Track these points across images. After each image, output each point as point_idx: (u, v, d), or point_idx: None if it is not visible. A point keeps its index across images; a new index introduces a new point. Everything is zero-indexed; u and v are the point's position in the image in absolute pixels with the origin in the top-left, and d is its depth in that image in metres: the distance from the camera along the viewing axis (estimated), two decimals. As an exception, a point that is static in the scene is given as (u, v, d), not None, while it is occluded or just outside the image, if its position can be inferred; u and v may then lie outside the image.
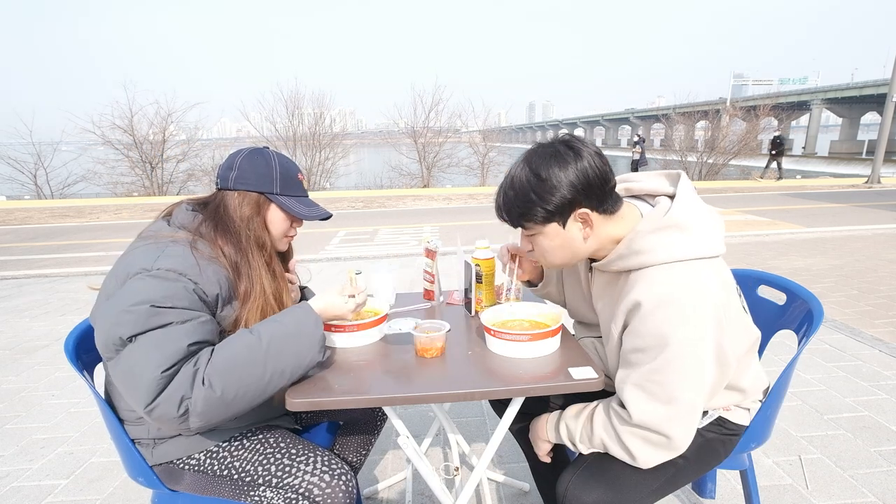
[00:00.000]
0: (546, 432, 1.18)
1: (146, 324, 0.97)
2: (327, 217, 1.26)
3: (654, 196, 1.12)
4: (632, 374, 1.00)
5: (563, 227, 1.03)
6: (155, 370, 0.95)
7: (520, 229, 1.10)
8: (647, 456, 1.01)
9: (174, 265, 1.03)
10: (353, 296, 1.19)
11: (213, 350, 1.01)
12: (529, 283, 1.47)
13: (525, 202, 1.02)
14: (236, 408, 1.02)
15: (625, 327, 1.03)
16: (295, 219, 1.23)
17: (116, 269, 1.05)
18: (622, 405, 1.03)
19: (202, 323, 1.03)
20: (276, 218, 1.20)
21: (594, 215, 1.03)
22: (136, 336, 0.97)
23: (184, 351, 0.98)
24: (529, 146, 1.06)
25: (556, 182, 0.99)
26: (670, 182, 1.11)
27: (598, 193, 1.01)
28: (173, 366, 0.97)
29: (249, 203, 1.16)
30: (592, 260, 1.16)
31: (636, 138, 15.98)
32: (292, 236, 1.28)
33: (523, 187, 1.02)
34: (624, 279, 1.05)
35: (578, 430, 1.09)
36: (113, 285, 1.04)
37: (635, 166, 15.28)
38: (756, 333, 1.13)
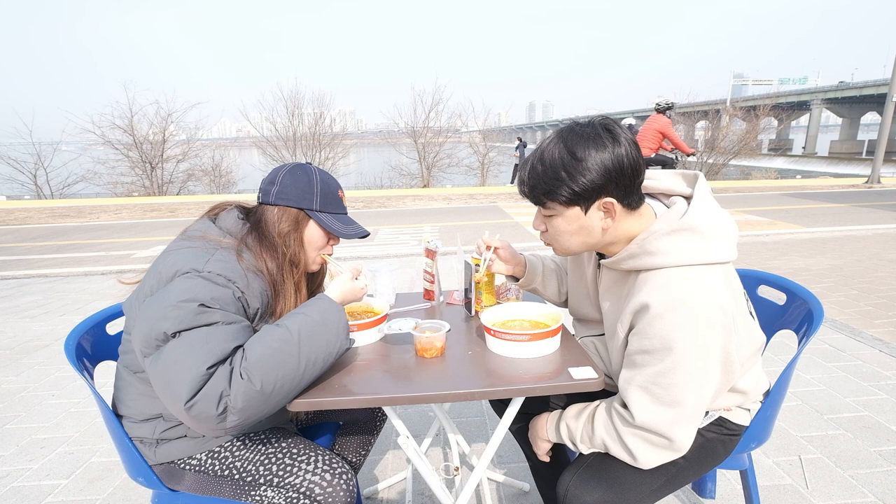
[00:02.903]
0: (546, 432, 1.18)
1: (193, 321, 0.97)
2: (365, 235, 1.25)
3: (668, 196, 1.11)
4: (637, 376, 0.99)
5: (585, 213, 1.01)
6: (201, 366, 0.94)
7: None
8: (649, 457, 1.01)
9: (224, 271, 1.04)
10: (358, 279, 1.20)
11: (244, 348, 1.01)
12: (514, 279, 1.45)
13: (553, 179, 0.98)
14: (274, 401, 1.00)
15: (631, 328, 1.02)
16: (332, 236, 1.23)
17: (161, 267, 1.05)
18: (624, 406, 1.03)
19: (244, 328, 1.04)
20: (313, 235, 1.20)
21: (618, 207, 0.99)
22: (180, 332, 0.97)
23: (228, 351, 0.98)
24: (530, 146, 1.05)
25: (590, 164, 0.95)
26: (687, 183, 1.10)
27: (628, 185, 0.98)
28: (217, 363, 0.96)
29: (288, 219, 1.16)
30: (601, 256, 1.15)
31: (517, 142, 14.61)
32: (329, 254, 1.27)
33: (554, 164, 0.98)
34: (633, 279, 1.04)
35: (579, 430, 1.09)
36: (156, 282, 1.03)
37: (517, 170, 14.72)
38: (761, 338, 1.13)
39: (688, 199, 1.06)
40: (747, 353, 1.08)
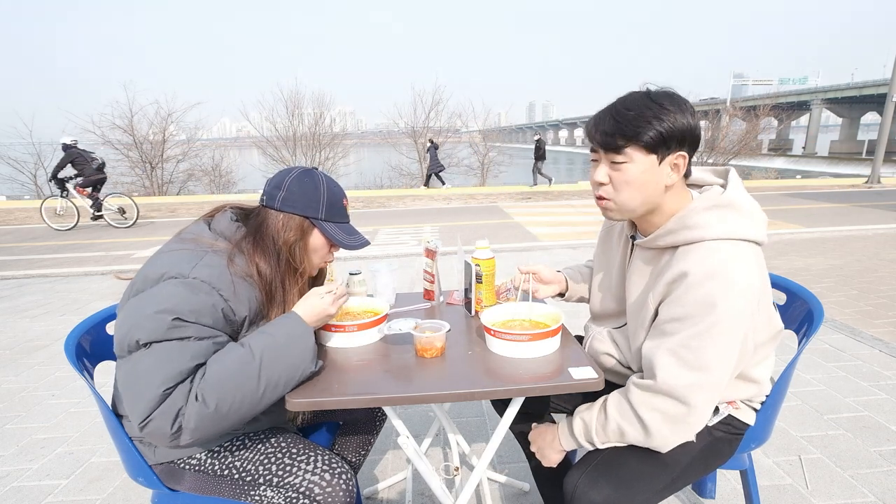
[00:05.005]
0: (559, 442, 1.16)
1: (165, 334, 0.97)
2: (366, 245, 1.24)
3: (700, 186, 1.16)
4: (666, 342, 1.01)
5: (660, 163, 1.02)
6: (159, 386, 0.95)
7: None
8: (663, 432, 1.02)
9: (210, 277, 1.03)
10: (332, 292, 1.16)
11: (205, 366, 1.00)
12: (560, 295, 1.47)
13: (641, 120, 0.99)
14: (230, 421, 1.01)
15: (662, 299, 1.04)
16: (333, 245, 1.22)
17: (150, 269, 1.04)
18: (640, 378, 1.06)
19: (216, 343, 1.03)
20: (316, 243, 1.19)
21: (684, 169, 1.04)
22: (151, 343, 0.97)
23: (189, 371, 0.98)
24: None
25: (676, 115, 1.00)
26: (717, 176, 1.16)
27: (696, 148, 1.04)
28: (176, 385, 0.97)
29: (293, 227, 1.14)
30: (632, 238, 1.19)
31: (429, 144, 14.79)
32: (329, 261, 1.26)
33: (642, 109, 1.00)
34: (669, 255, 1.07)
35: (593, 420, 1.09)
36: (143, 283, 1.03)
37: (431, 174, 14.53)
38: (778, 327, 1.14)
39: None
40: (763, 339, 1.10)
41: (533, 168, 13.79)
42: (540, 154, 13.60)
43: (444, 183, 14.64)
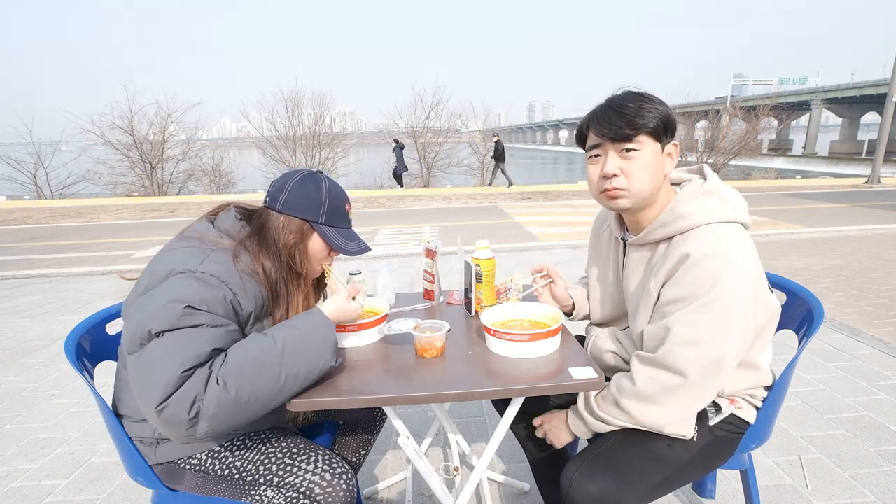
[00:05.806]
0: (567, 422, 1.20)
1: (178, 322, 0.97)
2: (366, 251, 1.24)
3: (679, 184, 1.19)
4: (667, 319, 1.04)
5: (662, 150, 1.08)
6: (177, 369, 0.94)
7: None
8: (657, 398, 1.04)
9: (218, 272, 1.03)
10: (355, 297, 1.19)
11: (226, 353, 1.00)
12: (566, 314, 1.47)
13: (643, 110, 1.04)
14: (248, 412, 1.00)
15: (664, 283, 1.07)
16: (333, 250, 1.22)
17: (156, 267, 1.04)
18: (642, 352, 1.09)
19: (230, 332, 1.03)
20: (316, 246, 1.19)
21: (676, 158, 1.11)
22: (164, 332, 0.96)
23: (207, 355, 0.98)
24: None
25: (662, 105, 1.07)
26: (692, 173, 1.20)
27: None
28: (193, 367, 0.96)
29: (293, 230, 1.15)
30: (623, 240, 1.22)
31: (394, 144, 14.86)
32: (328, 264, 1.26)
33: (637, 101, 1.05)
34: (664, 246, 1.10)
35: (596, 397, 1.13)
36: (150, 281, 1.03)
37: (396, 173, 14.75)
38: (775, 307, 1.15)
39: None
40: (761, 322, 1.11)
41: (494, 169, 14.02)
42: (499, 154, 13.79)
43: (401, 185, 14.94)
